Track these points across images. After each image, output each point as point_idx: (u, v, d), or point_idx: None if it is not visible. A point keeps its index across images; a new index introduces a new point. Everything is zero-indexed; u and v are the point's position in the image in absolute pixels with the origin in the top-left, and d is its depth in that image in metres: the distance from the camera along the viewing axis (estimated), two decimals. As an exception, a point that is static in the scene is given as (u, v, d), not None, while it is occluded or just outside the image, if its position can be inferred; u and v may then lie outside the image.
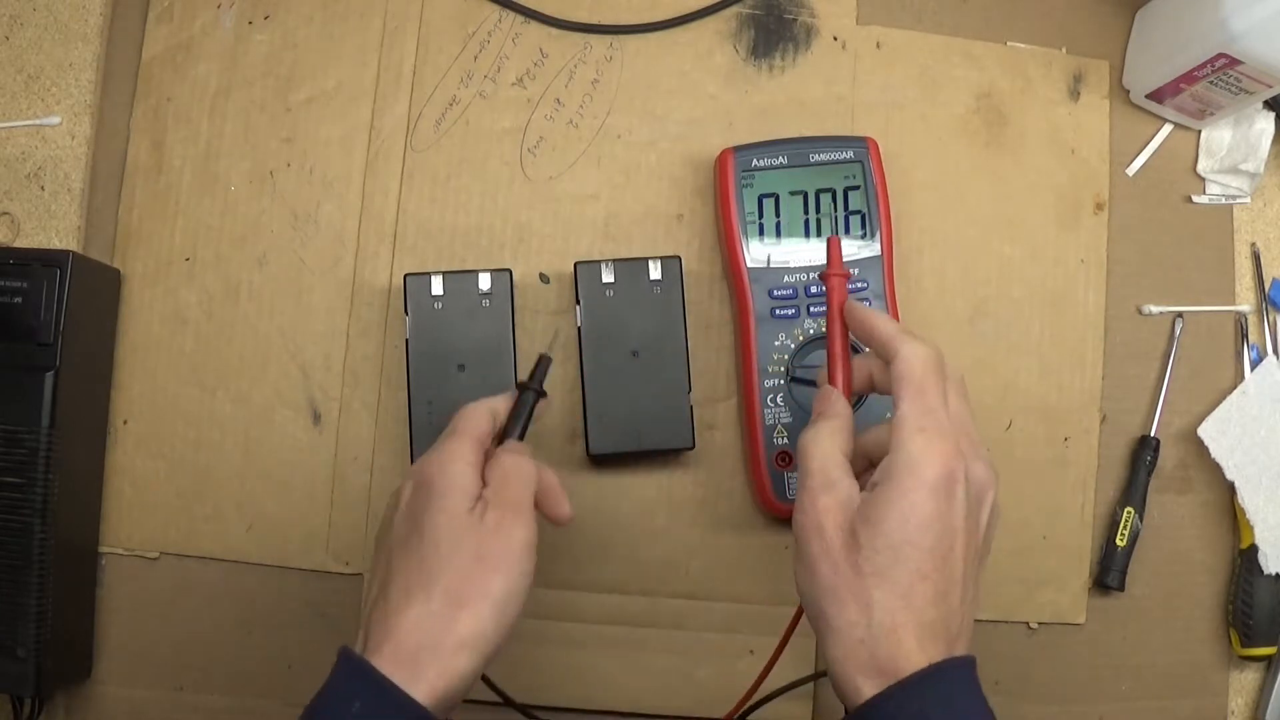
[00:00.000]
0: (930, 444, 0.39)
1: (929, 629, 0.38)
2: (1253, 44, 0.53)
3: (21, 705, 0.55)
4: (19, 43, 0.61)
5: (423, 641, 0.40)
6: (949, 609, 0.39)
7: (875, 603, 0.38)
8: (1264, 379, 0.61)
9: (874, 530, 0.39)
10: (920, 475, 0.39)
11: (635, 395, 0.55)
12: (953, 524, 0.39)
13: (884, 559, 0.38)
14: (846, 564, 0.39)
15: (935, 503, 0.39)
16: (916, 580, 0.38)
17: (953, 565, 0.39)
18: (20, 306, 0.52)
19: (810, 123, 0.61)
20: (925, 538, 0.38)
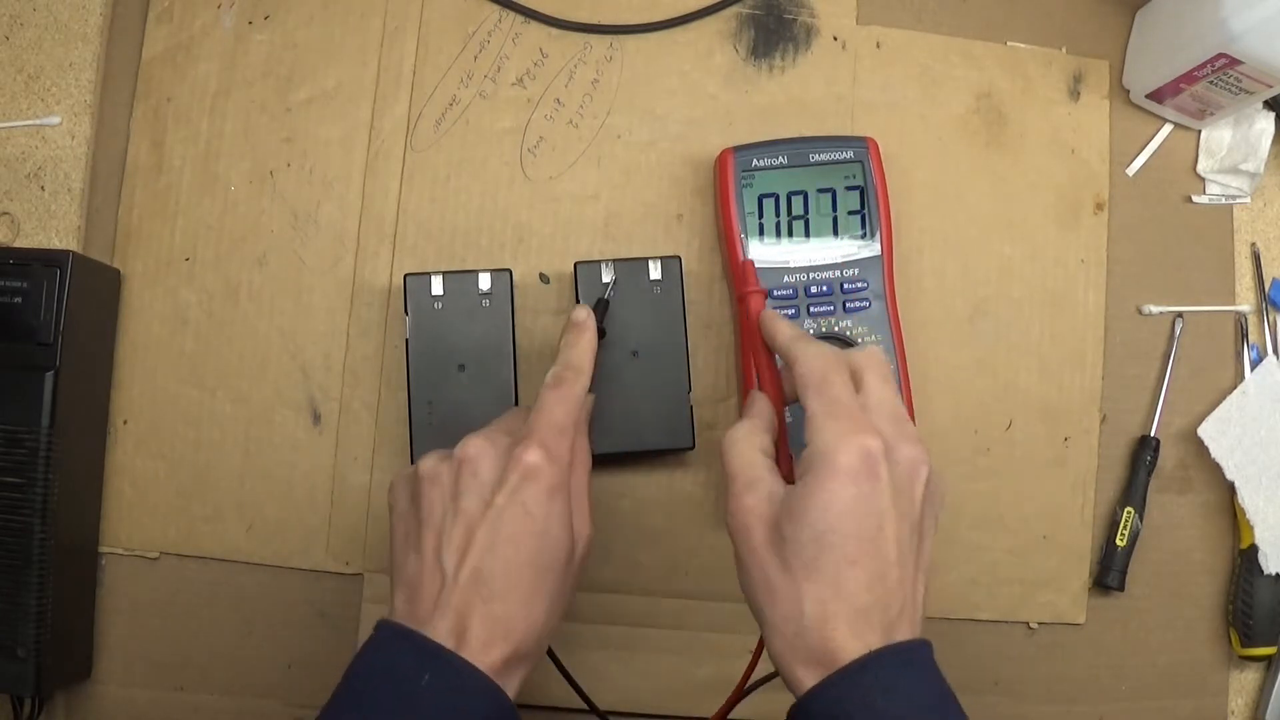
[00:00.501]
0: (841, 432, 0.39)
1: (863, 615, 0.38)
2: (1253, 44, 0.53)
3: (21, 705, 0.55)
4: (19, 43, 0.61)
5: (532, 648, 0.41)
6: (885, 591, 0.38)
7: (805, 595, 0.38)
8: (1264, 379, 0.61)
9: (797, 524, 0.39)
10: (835, 463, 0.39)
11: (635, 395, 0.55)
12: (877, 506, 0.39)
13: (809, 551, 0.38)
14: (775, 560, 0.40)
15: (855, 487, 0.38)
16: (844, 567, 0.38)
17: (884, 547, 0.39)
18: (20, 306, 0.52)
19: (810, 123, 0.61)
20: (848, 524, 0.38)
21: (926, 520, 0.41)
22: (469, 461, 0.43)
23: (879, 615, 0.38)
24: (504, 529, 0.41)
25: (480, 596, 0.40)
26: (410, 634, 0.40)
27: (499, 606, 0.41)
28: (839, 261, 0.57)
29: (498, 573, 0.41)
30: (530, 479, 0.42)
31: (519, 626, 0.41)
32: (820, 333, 0.56)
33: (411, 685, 0.38)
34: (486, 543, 0.41)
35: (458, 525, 0.42)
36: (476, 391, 0.55)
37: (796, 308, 0.56)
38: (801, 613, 0.38)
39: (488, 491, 0.42)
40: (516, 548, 0.41)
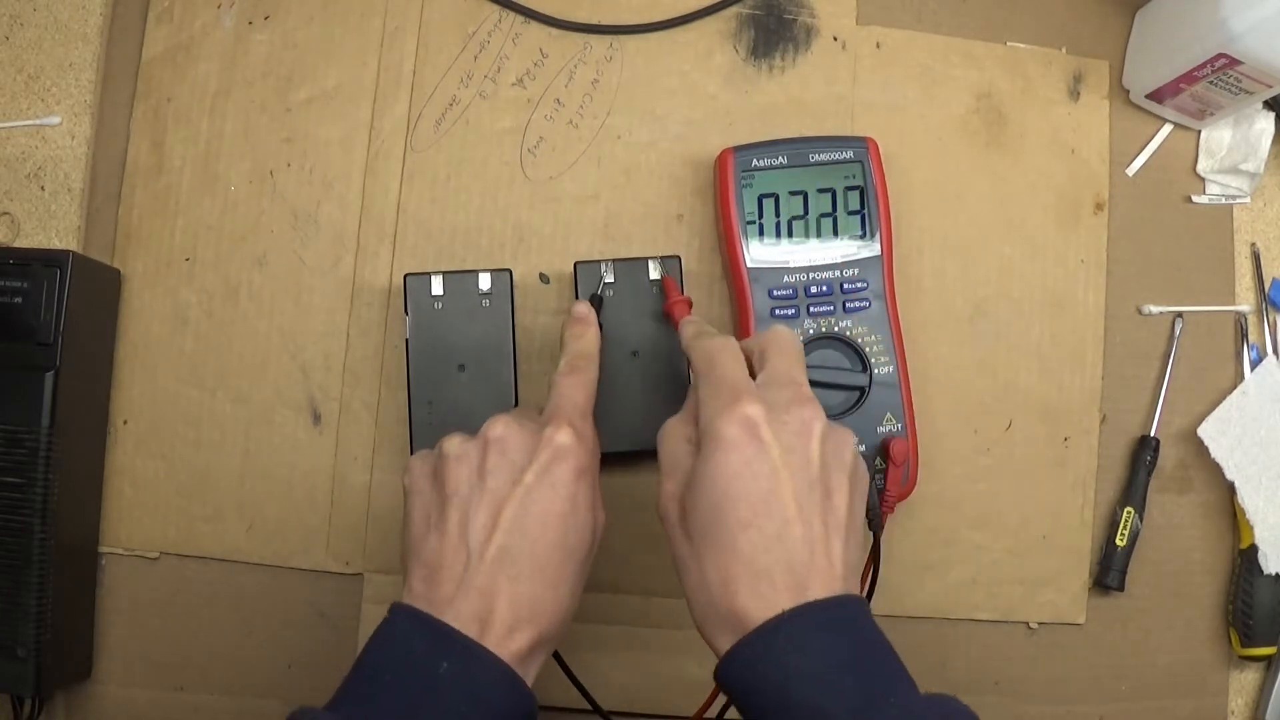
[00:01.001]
0: (720, 406, 0.40)
1: (764, 576, 0.38)
2: (1253, 44, 0.53)
3: (21, 705, 0.55)
4: (19, 43, 0.61)
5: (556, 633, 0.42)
6: (786, 551, 0.39)
7: (706, 563, 0.39)
8: (1264, 379, 0.61)
9: (694, 497, 0.40)
10: (718, 435, 0.40)
11: (635, 395, 0.55)
12: (765, 468, 0.39)
13: (705, 519, 0.39)
14: (683, 535, 0.41)
15: (738, 453, 0.39)
16: (738, 531, 0.39)
17: (778, 506, 0.39)
18: (20, 306, 0.52)
19: (810, 123, 0.61)
20: (736, 488, 0.39)
21: (833, 476, 0.41)
22: (497, 441, 0.43)
23: (783, 575, 0.38)
24: (534, 508, 0.41)
25: (507, 576, 0.40)
26: (427, 619, 0.40)
27: (526, 587, 0.40)
28: (839, 261, 0.57)
29: (526, 552, 0.41)
30: (561, 459, 0.42)
31: (545, 610, 0.41)
32: (820, 332, 0.56)
33: (429, 672, 0.38)
34: (515, 521, 0.41)
35: (484, 503, 0.41)
36: (476, 391, 0.55)
37: (796, 308, 0.56)
38: (706, 581, 0.39)
39: (517, 470, 0.42)
40: (545, 528, 0.41)
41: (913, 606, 0.59)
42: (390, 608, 0.41)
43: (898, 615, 0.59)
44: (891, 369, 0.56)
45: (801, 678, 0.37)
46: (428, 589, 0.41)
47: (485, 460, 0.42)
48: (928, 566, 0.60)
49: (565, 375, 0.47)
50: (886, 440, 0.55)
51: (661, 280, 0.55)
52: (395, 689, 0.38)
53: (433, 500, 0.43)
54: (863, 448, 0.55)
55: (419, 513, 0.43)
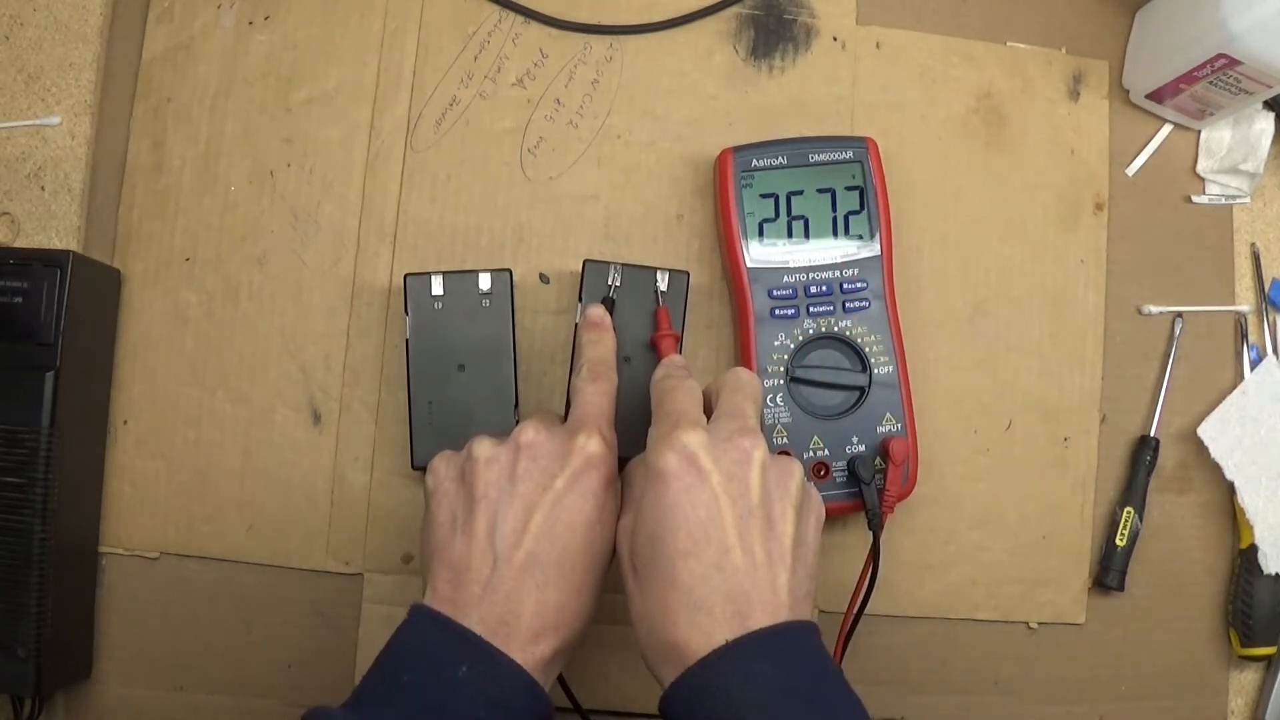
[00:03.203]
0: (658, 441, 0.41)
1: (703, 607, 0.38)
2: (1253, 44, 0.53)
3: (21, 705, 0.55)
4: (19, 43, 0.61)
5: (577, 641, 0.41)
6: (728, 578, 0.38)
7: (647, 594, 0.39)
8: (1264, 379, 0.61)
9: (637, 528, 0.40)
10: (655, 469, 0.40)
11: (622, 400, 0.55)
12: (704, 497, 0.39)
13: (646, 551, 0.40)
14: (630, 568, 0.41)
15: (677, 482, 0.39)
16: (676, 561, 0.38)
17: (719, 532, 0.39)
18: (20, 306, 0.52)
19: (810, 123, 0.61)
20: (674, 518, 0.39)
21: (776, 505, 0.41)
22: (529, 446, 0.43)
23: (722, 605, 0.38)
24: (564, 515, 0.41)
25: (535, 583, 0.40)
26: (446, 622, 0.40)
27: (553, 594, 0.40)
28: (839, 261, 0.57)
29: (554, 559, 0.40)
30: (593, 467, 0.42)
31: (569, 617, 0.41)
32: (820, 333, 0.56)
33: (449, 675, 0.38)
34: (544, 528, 0.41)
35: (514, 507, 0.41)
36: (476, 391, 0.55)
37: (796, 308, 0.56)
38: (648, 611, 0.39)
39: (548, 477, 0.42)
40: (573, 535, 0.41)
41: (913, 606, 0.59)
42: (410, 609, 0.41)
43: (898, 615, 0.59)
44: (891, 369, 0.56)
45: (744, 707, 0.36)
46: (453, 591, 0.41)
47: (516, 465, 0.42)
48: (928, 566, 0.60)
49: (588, 382, 0.46)
50: (886, 440, 0.55)
51: (655, 311, 0.54)
52: (413, 691, 0.38)
53: (460, 502, 0.43)
54: (862, 448, 0.55)
55: (444, 514, 0.43)
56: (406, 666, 0.39)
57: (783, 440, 0.55)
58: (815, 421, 0.56)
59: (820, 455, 0.55)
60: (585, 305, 0.54)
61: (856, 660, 0.59)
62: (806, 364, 0.56)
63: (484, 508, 0.42)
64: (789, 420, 0.56)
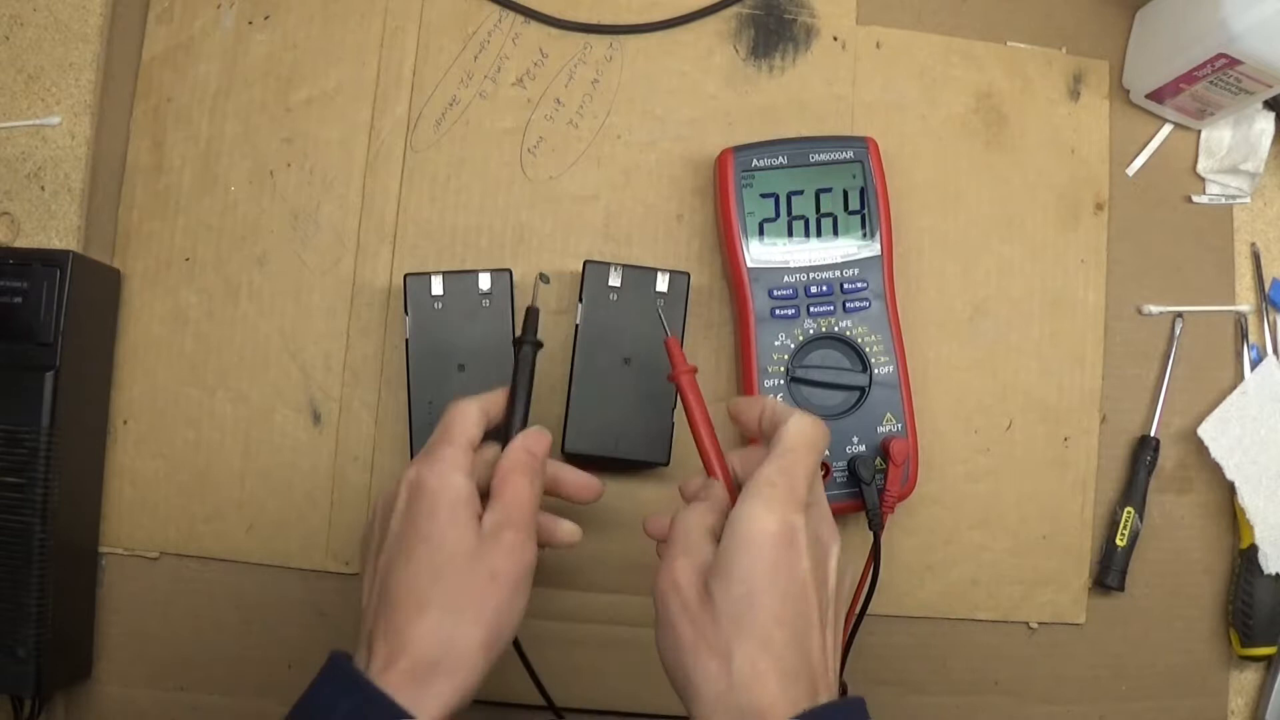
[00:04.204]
0: (773, 499, 0.41)
1: (791, 674, 0.38)
2: (1253, 44, 0.53)
3: (21, 705, 0.55)
4: (19, 43, 0.61)
5: (440, 656, 0.40)
6: (808, 653, 0.39)
7: (735, 651, 0.39)
8: (1264, 379, 0.61)
9: (725, 580, 0.40)
10: (762, 524, 0.40)
11: (620, 402, 0.55)
12: (799, 572, 0.40)
13: (739, 606, 0.39)
14: (704, 617, 0.40)
15: (777, 551, 0.40)
16: (773, 626, 0.39)
17: (806, 610, 0.40)
18: (20, 306, 0.52)
19: (810, 123, 0.61)
20: (775, 583, 0.39)
21: (840, 599, 0.43)
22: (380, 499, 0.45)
23: (805, 675, 0.39)
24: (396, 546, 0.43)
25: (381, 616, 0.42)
26: (342, 663, 0.41)
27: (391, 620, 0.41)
28: (839, 261, 0.57)
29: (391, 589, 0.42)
30: (413, 493, 0.43)
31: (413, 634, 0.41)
32: (820, 333, 0.56)
33: (329, 714, 0.39)
34: (386, 564, 0.43)
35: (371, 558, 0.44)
36: (476, 391, 0.55)
37: (796, 308, 0.56)
38: (730, 670, 0.38)
39: (386, 518, 0.44)
40: (407, 559, 0.42)
41: (913, 606, 0.59)
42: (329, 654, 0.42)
43: (898, 615, 0.59)
44: (891, 369, 0.56)
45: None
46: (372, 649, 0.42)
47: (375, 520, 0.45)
48: (928, 566, 0.60)
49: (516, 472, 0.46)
50: (886, 440, 0.55)
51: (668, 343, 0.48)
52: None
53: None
54: (863, 448, 0.55)
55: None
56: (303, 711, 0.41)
57: (783, 440, 0.55)
58: (815, 421, 0.56)
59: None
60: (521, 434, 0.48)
61: (856, 660, 0.59)
62: (807, 364, 0.56)
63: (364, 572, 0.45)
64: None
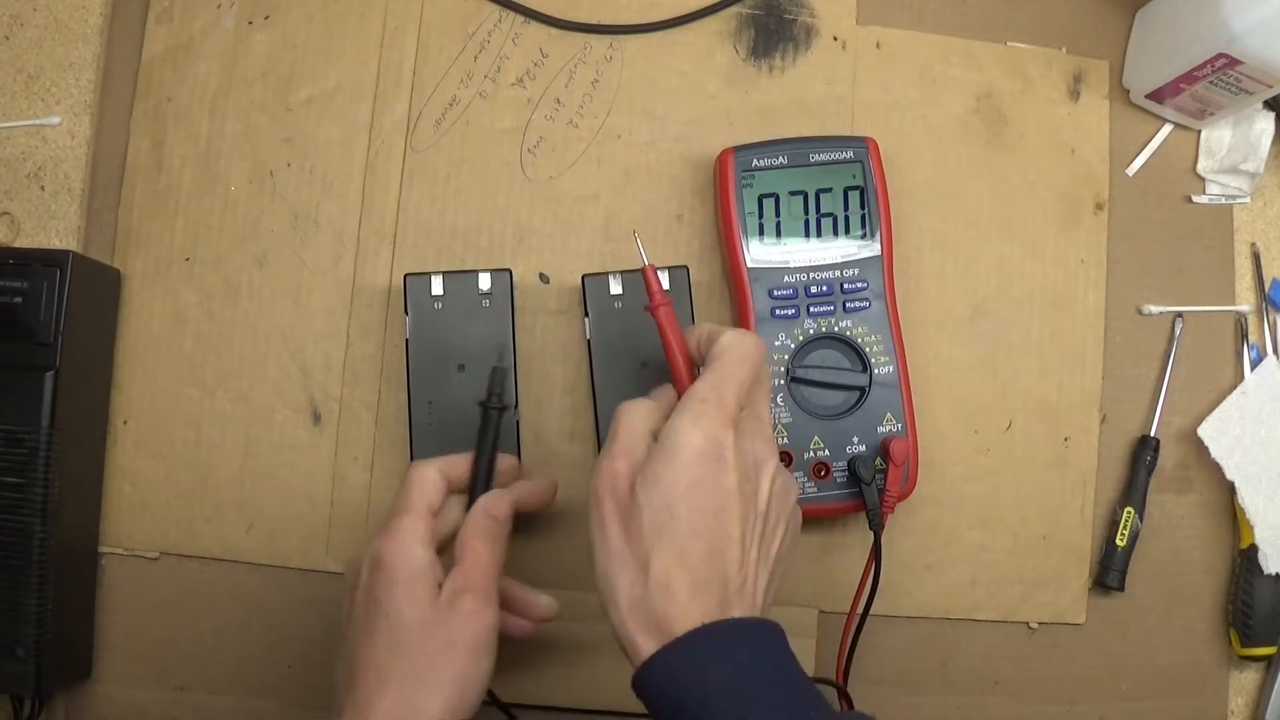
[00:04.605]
0: (701, 413, 0.42)
1: (703, 585, 0.40)
2: (1253, 44, 0.53)
3: (21, 705, 0.55)
4: (19, 43, 0.61)
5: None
6: (724, 566, 0.40)
7: (652, 559, 0.40)
8: (1264, 379, 0.61)
9: (650, 489, 0.41)
10: (687, 438, 0.41)
11: None
12: (723, 486, 0.41)
13: (659, 516, 0.40)
14: (631, 524, 0.41)
15: (702, 465, 0.41)
16: (689, 538, 0.40)
17: (726, 524, 0.41)
18: (20, 306, 0.52)
19: (810, 123, 0.61)
20: (695, 497, 0.40)
21: (772, 515, 0.43)
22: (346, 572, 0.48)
23: (717, 588, 0.40)
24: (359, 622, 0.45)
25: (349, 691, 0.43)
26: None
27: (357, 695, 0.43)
28: (839, 261, 0.57)
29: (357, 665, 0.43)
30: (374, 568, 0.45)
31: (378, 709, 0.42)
32: (820, 333, 0.56)
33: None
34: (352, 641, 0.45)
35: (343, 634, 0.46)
36: (476, 391, 0.55)
37: (796, 308, 0.56)
38: (647, 577, 0.40)
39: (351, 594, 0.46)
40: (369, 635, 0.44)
41: (913, 606, 0.59)
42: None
43: (898, 615, 0.59)
44: (891, 369, 0.56)
45: (726, 687, 0.38)
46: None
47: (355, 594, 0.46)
48: (928, 566, 0.60)
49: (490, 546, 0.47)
50: (886, 440, 0.55)
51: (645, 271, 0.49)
52: None
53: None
54: (863, 448, 0.55)
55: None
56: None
57: (783, 440, 0.55)
58: (815, 421, 0.56)
59: (820, 455, 0.55)
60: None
61: (857, 660, 0.59)
62: (807, 364, 0.56)
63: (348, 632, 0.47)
64: (789, 420, 0.56)
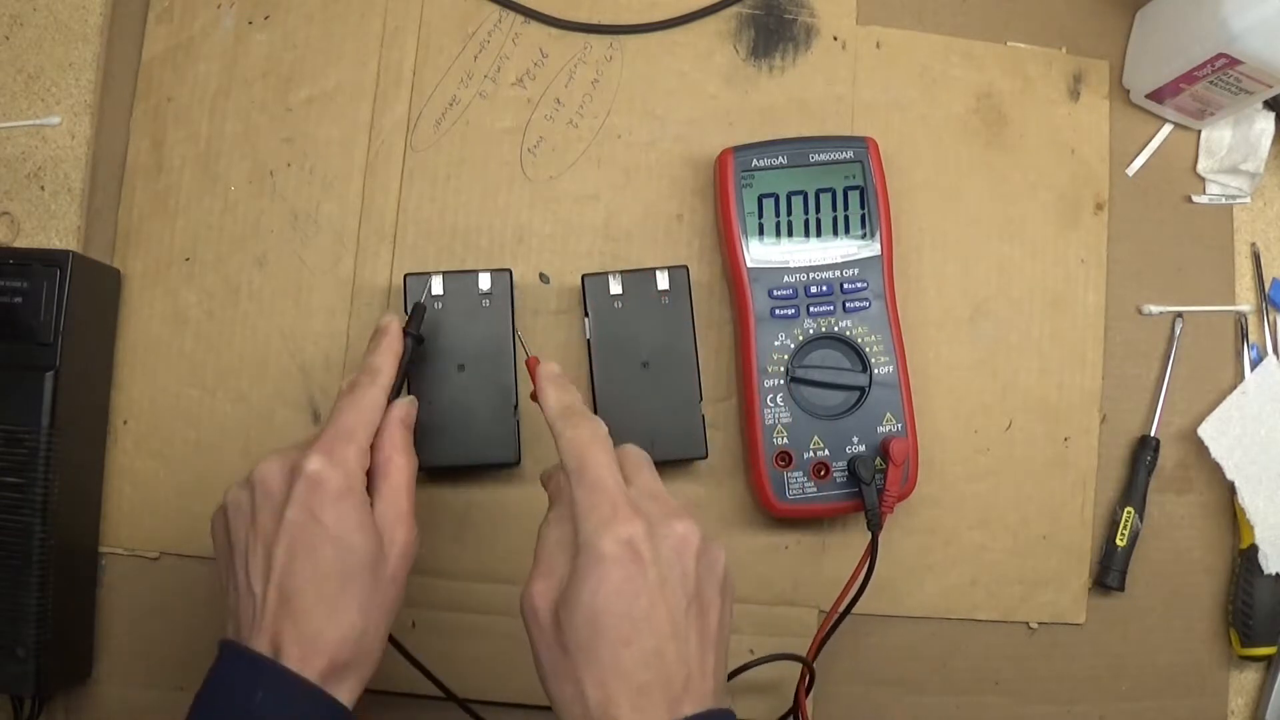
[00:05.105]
0: (600, 521, 0.40)
1: (643, 692, 0.38)
2: (1253, 44, 0.53)
3: (21, 705, 0.55)
4: (19, 43, 0.61)
5: (353, 656, 0.41)
6: (664, 667, 0.39)
7: (585, 678, 0.39)
8: (1264, 379, 0.61)
9: (570, 609, 0.40)
10: (598, 552, 0.39)
11: (647, 406, 0.55)
12: (644, 586, 0.39)
13: (584, 634, 0.39)
14: (557, 645, 0.40)
15: (620, 570, 0.39)
16: (620, 647, 0.39)
17: (656, 623, 0.39)
18: (20, 306, 0.52)
19: (810, 123, 0.61)
20: (617, 606, 0.39)
21: (707, 590, 0.42)
22: (261, 482, 0.43)
23: (660, 692, 0.39)
24: (298, 541, 0.41)
25: (288, 615, 0.41)
26: (244, 652, 0.41)
27: (307, 622, 0.41)
28: (839, 261, 0.57)
29: (299, 587, 0.41)
30: (315, 487, 0.42)
31: (331, 638, 0.41)
32: (820, 333, 0.56)
33: (247, 703, 0.39)
34: (285, 559, 0.41)
35: (258, 547, 0.42)
36: (476, 391, 0.55)
37: (796, 308, 0.56)
38: (584, 695, 0.39)
39: (279, 507, 0.42)
40: (314, 559, 0.41)
41: (913, 606, 0.59)
42: (219, 644, 0.42)
43: (898, 615, 0.59)
44: (891, 369, 0.56)
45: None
46: (235, 636, 0.42)
47: (254, 502, 0.43)
48: (928, 566, 0.60)
49: (341, 395, 0.46)
50: (886, 440, 0.55)
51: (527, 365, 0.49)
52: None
53: (224, 552, 0.44)
54: (863, 448, 0.56)
55: (220, 566, 0.44)
56: (215, 700, 0.40)
57: (782, 440, 0.56)
58: (815, 421, 0.56)
59: (820, 455, 0.55)
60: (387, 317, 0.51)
61: (856, 660, 0.59)
62: (807, 364, 0.56)
63: (238, 553, 0.43)
64: (789, 420, 0.56)
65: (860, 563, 0.54)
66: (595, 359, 0.55)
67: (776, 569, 0.59)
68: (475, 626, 0.57)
